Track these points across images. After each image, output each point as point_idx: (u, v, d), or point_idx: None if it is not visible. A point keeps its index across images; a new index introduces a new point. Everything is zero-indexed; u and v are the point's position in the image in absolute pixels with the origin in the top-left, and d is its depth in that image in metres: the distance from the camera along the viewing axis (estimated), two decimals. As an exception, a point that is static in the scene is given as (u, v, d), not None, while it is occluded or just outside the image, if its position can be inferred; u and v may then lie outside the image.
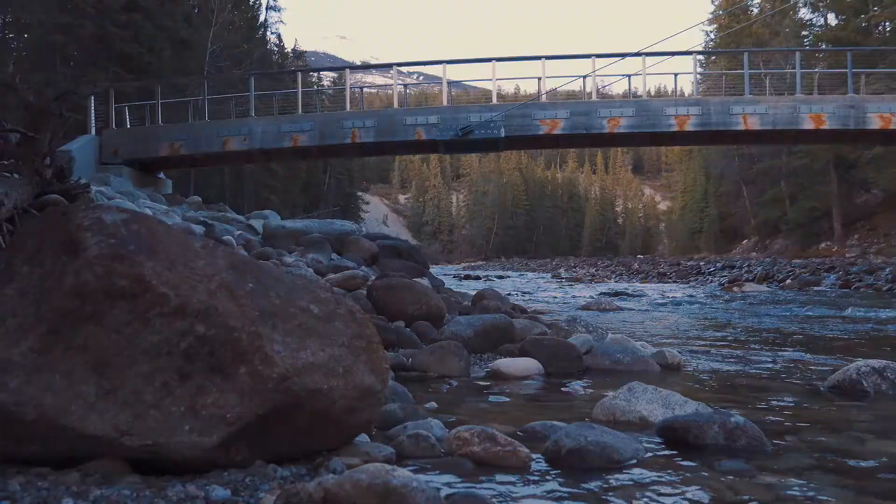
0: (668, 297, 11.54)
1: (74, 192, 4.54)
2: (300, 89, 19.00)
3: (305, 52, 58.12)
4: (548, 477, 1.70)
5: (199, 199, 17.78)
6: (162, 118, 19.48)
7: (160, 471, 1.47)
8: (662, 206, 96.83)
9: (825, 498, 1.60)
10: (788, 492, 1.63)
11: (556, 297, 11.76)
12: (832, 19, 37.08)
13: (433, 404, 2.54)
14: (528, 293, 13.22)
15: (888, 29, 33.52)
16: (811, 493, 1.63)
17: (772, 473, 1.77)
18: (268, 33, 45.16)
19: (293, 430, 1.60)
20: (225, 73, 28.66)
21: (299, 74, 20.18)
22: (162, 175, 20.86)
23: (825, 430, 2.29)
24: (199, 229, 8.43)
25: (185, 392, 1.44)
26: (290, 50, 51.54)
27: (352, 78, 21.14)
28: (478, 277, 23.55)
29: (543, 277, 25.22)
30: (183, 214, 11.31)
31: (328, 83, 46.58)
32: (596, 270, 29.31)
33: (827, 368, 3.57)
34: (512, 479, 1.67)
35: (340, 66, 37.28)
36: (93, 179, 13.28)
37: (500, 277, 24.63)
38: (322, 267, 6.99)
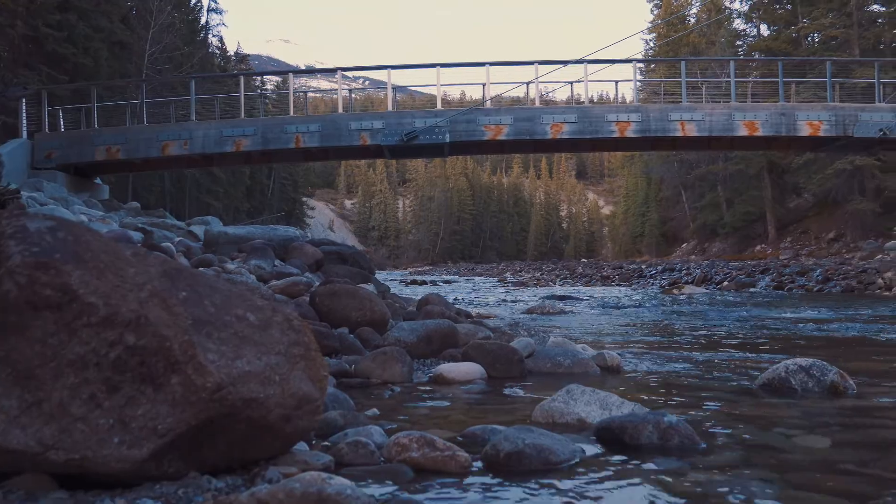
0: (611, 300, 11.75)
1: (4, 198, 4.37)
2: (242, 93, 18.73)
3: (248, 55, 57.39)
4: (486, 481, 1.71)
5: (138, 204, 17.34)
6: (98, 122, 18.93)
7: (89, 485, 1.42)
8: (606, 210, 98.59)
9: (752, 492, 1.66)
10: (717, 488, 1.68)
11: (501, 302, 11.85)
12: (764, 30, 38.45)
13: (375, 411, 2.53)
14: (474, 298, 13.30)
15: (816, 40, 34.91)
16: (738, 489, 1.69)
17: (702, 471, 1.82)
18: (209, 36, 44.41)
19: (229, 440, 1.58)
20: (164, 76, 28.03)
21: (241, 78, 19.89)
22: (98, 180, 20.25)
23: (755, 427, 2.37)
24: (137, 236, 8.22)
25: (114, 404, 1.40)
26: (232, 53, 50.79)
27: (296, 82, 20.95)
28: (424, 282, 23.57)
29: (490, 282, 25.40)
30: (120, 221, 11.00)
31: (272, 87, 46.05)
32: (541, 274, 29.66)
33: (759, 368, 3.69)
34: (450, 484, 1.68)
35: (284, 70, 36.88)
36: (24, 185, 12.81)
37: (447, 282, 24.71)
38: (265, 273, 6.89)
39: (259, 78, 46.31)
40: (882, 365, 3.94)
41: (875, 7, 32.69)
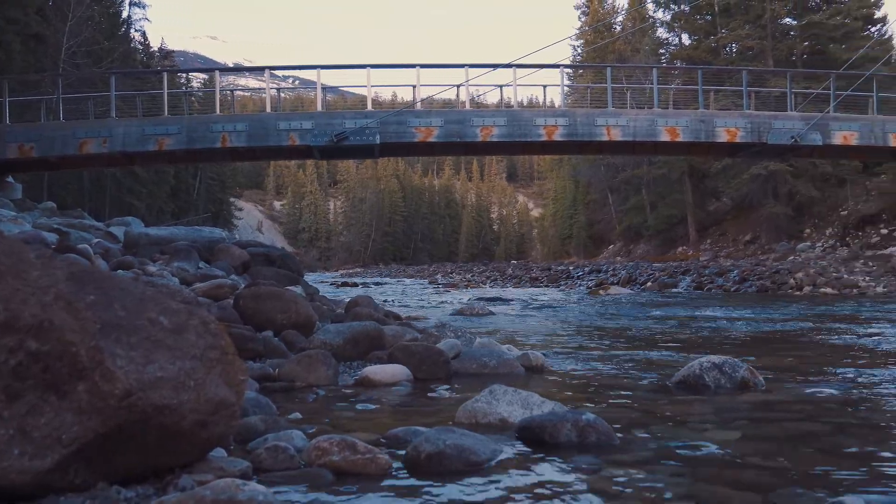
0: (539, 301, 11.94)
1: None
2: (166, 90, 18.18)
3: (173, 51, 55.75)
4: (406, 482, 1.72)
5: (54, 204, 16.61)
6: (11, 117, 18.03)
7: (-13, 500, 1.36)
8: (535, 212, 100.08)
9: (663, 486, 1.72)
10: (631, 483, 1.74)
11: (431, 303, 11.88)
12: (686, 39, 39.82)
13: (297, 415, 2.50)
14: (405, 299, 13.29)
15: (734, 50, 36.38)
16: (651, 483, 1.74)
17: (618, 466, 1.88)
18: (131, 30, 42.92)
19: (141, 448, 1.53)
20: (83, 70, 26.94)
21: (165, 75, 19.30)
22: (11, 179, 19.28)
23: (669, 422, 2.46)
24: (51, 237, 7.88)
25: (15, 413, 1.34)
26: (156, 49, 49.25)
27: (223, 80, 20.48)
28: (355, 284, 23.43)
29: (421, 283, 25.43)
30: (34, 221, 10.52)
31: (198, 85, 44.85)
32: (472, 276, 29.89)
33: (676, 365, 3.82)
34: (370, 486, 1.67)
35: (210, 68, 35.96)
36: (-73, 183, 12.09)
37: (378, 284, 24.61)
38: (188, 276, 6.71)
39: (184, 75, 45.06)
40: (789, 361, 4.14)
41: (788, 20, 34.35)
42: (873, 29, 33.90)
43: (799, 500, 1.59)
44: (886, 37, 33.79)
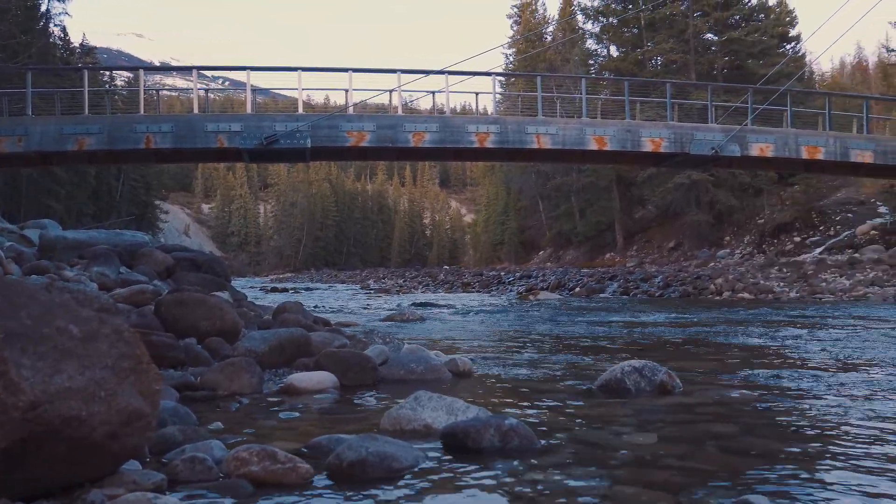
0: (470, 307, 12.03)
1: None
2: (87, 88, 17.49)
3: (96, 48, 53.67)
4: (327, 491, 1.70)
5: (-38, 206, 15.75)
6: (-86, 113, 17.01)
7: None
8: (468, 218, 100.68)
9: (581, 489, 1.76)
10: (550, 487, 1.77)
11: (362, 309, 11.81)
12: (614, 51, 40.92)
13: (219, 424, 2.45)
14: (335, 305, 13.16)
15: (660, 63, 37.58)
16: (569, 486, 1.78)
17: (539, 470, 1.91)
18: (51, 25, 41.13)
19: (48, 462, 1.47)
20: (-4, 65, 25.66)
21: (86, 72, 18.59)
22: (-86, 178, 18.21)
23: (590, 426, 2.52)
24: (-42, 241, 7.47)
25: None
26: (77, 45, 47.33)
27: (149, 79, 19.87)
28: (285, 290, 23.06)
29: (352, 289, 25.24)
30: (-61, 223, 9.94)
31: (122, 83, 43.36)
32: (404, 281, 29.85)
33: (599, 370, 3.91)
34: (289, 496, 1.66)
35: (135, 66, 34.83)
36: None
37: (309, 289, 24.29)
38: (108, 281, 6.48)
39: (107, 73, 43.51)
40: (706, 364, 4.30)
41: (710, 36, 35.72)
42: (788, 46, 35.66)
43: (707, 500, 1.66)
44: (800, 54, 35.59)
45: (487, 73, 19.01)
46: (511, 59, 46.40)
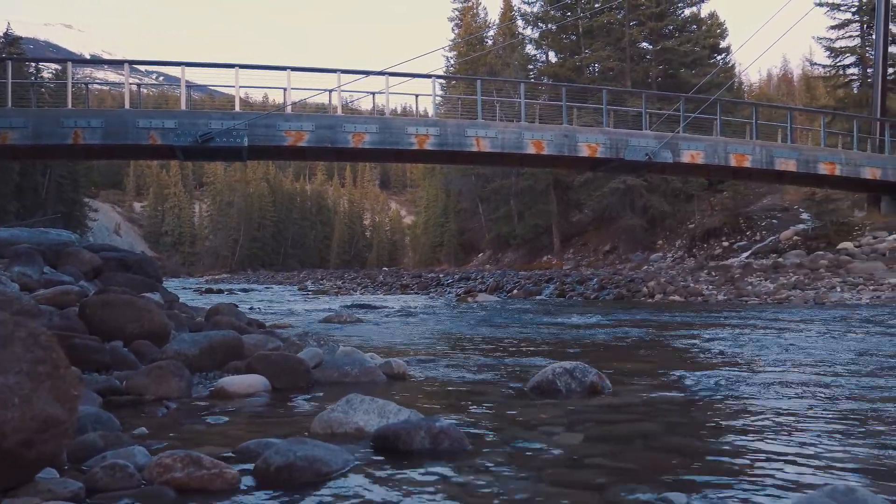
0: (408, 309, 12.02)
1: None
2: (10, 80, 16.78)
3: (21, 38, 51.48)
4: (253, 497, 1.68)
5: None
6: None
7: None
8: (408, 220, 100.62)
9: (508, 489, 1.78)
10: (478, 488, 1.79)
11: (299, 311, 11.66)
12: (553, 57, 41.52)
13: (143, 430, 2.38)
14: (272, 307, 12.96)
15: (597, 70, 38.34)
16: (498, 486, 1.81)
17: (468, 471, 1.93)
18: (-29, 13, 39.27)
19: (-44, 472, 1.41)
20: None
21: (10, 63, 17.84)
22: None
23: (521, 427, 2.55)
24: None
25: None
26: (0, 35, 45.33)
27: (79, 72, 19.17)
28: (220, 291, 22.58)
29: (290, 290, 24.90)
30: None
31: (49, 75, 41.70)
32: (342, 283, 29.61)
33: (533, 371, 3.97)
34: (215, 503, 1.63)
35: (63, 58, 33.53)
36: None
37: (245, 291, 23.85)
38: (31, 282, 6.20)
39: (33, 65, 41.80)
40: (636, 365, 4.41)
41: (645, 45, 36.63)
42: (719, 57, 36.88)
43: (629, 498, 1.70)
44: (730, 65, 36.88)
45: (427, 76, 19.08)
46: (452, 62, 46.55)
